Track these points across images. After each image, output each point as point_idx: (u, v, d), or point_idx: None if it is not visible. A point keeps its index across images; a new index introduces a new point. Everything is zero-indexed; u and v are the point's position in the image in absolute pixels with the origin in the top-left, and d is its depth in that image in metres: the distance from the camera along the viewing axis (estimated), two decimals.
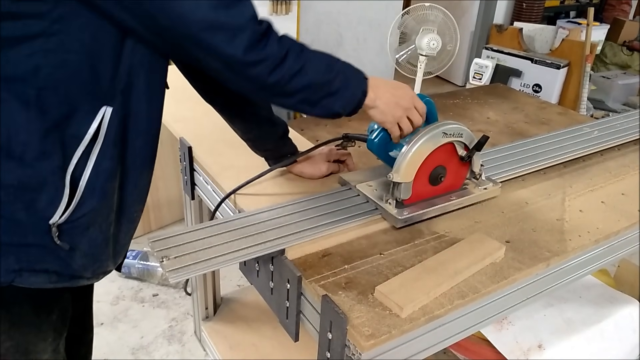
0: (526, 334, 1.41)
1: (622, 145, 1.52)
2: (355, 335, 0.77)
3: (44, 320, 0.93)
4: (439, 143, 1.02)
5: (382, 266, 0.92)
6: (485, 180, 1.15)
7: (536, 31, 4.18)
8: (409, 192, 1.03)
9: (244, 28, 0.76)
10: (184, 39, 0.75)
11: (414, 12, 2.92)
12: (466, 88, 2.45)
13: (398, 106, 0.97)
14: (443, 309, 0.84)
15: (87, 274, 0.90)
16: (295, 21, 3.13)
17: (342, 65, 0.91)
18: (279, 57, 0.80)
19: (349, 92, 0.91)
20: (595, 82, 4.24)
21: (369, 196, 1.06)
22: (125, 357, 1.85)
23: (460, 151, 1.07)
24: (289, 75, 0.82)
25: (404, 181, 1.00)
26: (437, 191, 1.09)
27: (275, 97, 0.87)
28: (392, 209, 1.02)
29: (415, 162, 1.00)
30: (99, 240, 0.88)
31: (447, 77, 4.96)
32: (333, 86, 0.88)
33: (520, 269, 0.95)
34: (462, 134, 1.04)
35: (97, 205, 0.83)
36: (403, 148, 1.00)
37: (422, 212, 1.04)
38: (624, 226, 1.12)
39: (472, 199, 1.12)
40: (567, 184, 1.28)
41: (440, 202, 1.08)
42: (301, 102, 0.87)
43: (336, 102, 0.90)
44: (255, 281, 1.04)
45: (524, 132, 1.59)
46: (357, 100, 0.92)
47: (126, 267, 2.19)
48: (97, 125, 0.78)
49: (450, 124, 1.03)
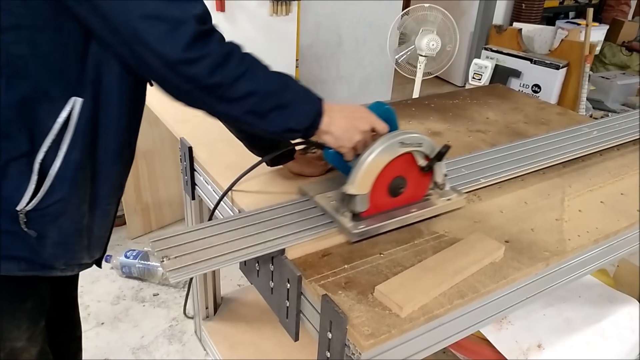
0: (525, 334, 1.41)
1: (621, 145, 1.52)
2: (355, 334, 0.77)
3: (18, 308, 0.94)
4: (396, 153, 0.97)
5: (381, 266, 0.92)
6: (450, 190, 1.10)
7: (535, 32, 4.18)
8: (366, 205, 0.98)
9: (185, 22, 0.73)
10: (124, 27, 0.73)
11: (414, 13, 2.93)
12: (465, 88, 2.45)
13: (355, 130, 0.94)
14: (442, 308, 0.84)
15: (58, 264, 0.91)
16: (295, 22, 3.13)
17: (295, 82, 0.88)
18: (221, 56, 0.77)
19: (304, 108, 0.87)
20: (595, 83, 4.24)
21: (326, 208, 1.02)
22: (126, 356, 1.85)
23: (421, 161, 1.02)
24: (231, 78, 0.79)
25: (359, 193, 0.96)
26: (397, 202, 1.04)
27: (218, 102, 0.81)
28: (346, 222, 0.97)
29: (371, 174, 0.96)
30: (71, 231, 0.89)
31: (447, 77, 4.97)
32: (284, 98, 0.85)
33: (519, 268, 0.95)
34: (422, 144, 1.00)
35: (66, 195, 0.84)
36: (358, 159, 0.96)
37: (380, 225, 0.99)
38: (623, 226, 1.12)
39: (434, 210, 1.07)
40: (567, 184, 1.28)
41: (400, 214, 1.02)
42: (248, 113, 0.83)
43: (290, 117, 0.86)
44: (255, 281, 1.04)
45: (523, 132, 1.60)
46: (313, 117, 0.88)
47: (127, 267, 2.19)
48: (66, 115, 0.80)
49: (408, 133, 0.98)
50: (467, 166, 1.27)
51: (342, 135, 0.92)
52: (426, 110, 1.73)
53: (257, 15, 2.96)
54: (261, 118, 0.84)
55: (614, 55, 4.91)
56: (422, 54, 2.96)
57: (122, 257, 2.21)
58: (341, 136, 0.93)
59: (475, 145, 1.48)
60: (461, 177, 1.22)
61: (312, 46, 3.76)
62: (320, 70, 3.92)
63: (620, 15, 5.44)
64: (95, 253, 0.99)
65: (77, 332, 1.27)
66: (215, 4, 2.76)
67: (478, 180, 1.21)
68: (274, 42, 3.10)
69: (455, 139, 1.51)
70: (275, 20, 3.02)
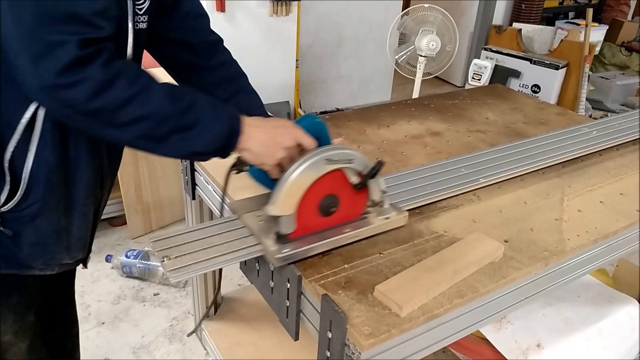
0: (525, 333, 1.41)
1: (620, 145, 1.53)
2: (355, 334, 0.77)
3: (2, 302, 0.95)
4: (323, 170, 0.90)
5: (381, 265, 0.93)
6: (389, 208, 1.02)
7: (535, 32, 4.18)
8: (292, 226, 0.91)
9: (62, 46, 0.69)
10: (5, 44, 0.71)
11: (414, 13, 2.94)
12: (465, 88, 2.45)
13: (276, 146, 0.89)
14: (442, 308, 0.84)
15: (36, 264, 0.92)
16: (296, 22, 3.13)
17: (204, 102, 0.83)
18: (102, 82, 0.72)
19: (212, 130, 0.82)
20: (594, 83, 4.25)
21: (252, 228, 0.95)
22: (127, 356, 1.86)
23: (353, 178, 0.95)
24: (116, 103, 0.74)
25: (283, 214, 0.89)
26: (331, 222, 0.96)
27: (104, 126, 0.76)
28: (270, 245, 0.90)
29: (295, 193, 0.88)
30: (48, 232, 0.89)
31: (446, 77, 4.97)
32: (184, 121, 0.80)
33: (518, 268, 0.96)
34: (353, 160, 0.92)
35: (42, 196, 0.85)
36: (280, 178, 0.89)
37: (308, 247, 0.91)
38: (623, 226, 1.13)
39: (369, 230, 0.99)
40: (566, 184, 1.29)
41: (332, 235, 0.94)
42: (141, 138, 0.78)
43: (194, 140, 0.81)
44: (255, 280, 1.04)
45: (523, 132, 1.60)
46: (225, 139, 0.84)
47: (127, 267, 2.20)
48: (30, 115, 0.80)
49: (335, 149, 0.91)
50: (467, 166, 1.27)
51: (262, 152, 0.88)
52: (426, 111, 1.73)
53: (257, 15, 2.97)
54: (158, 142, 0.80)
55: (614, 56, 4.92)
56: (422, 54, 2.97)
57: (123, 257, 2.21)
58: (261, 153, 0.88)
59: (475, 145, 1.48)
60: (461, 177, 1.22)
61: (312, 46, 3.76)
62: (320, 70, 3.92)
63: (620, 15, 5.45)
64: (76, 253, 0.99)
65: (74, 330, 1.27)
66: (215, 4, 2.76)
67: (477, 180, 1.22)
68: (274, 42, 3.10)
69: (455, 139, 1.52)
70: (275, 20, 3.02)
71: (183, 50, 1.07)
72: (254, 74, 1.25)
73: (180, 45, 1.06)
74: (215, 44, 1.11)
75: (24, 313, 1.00)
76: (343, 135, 1.49)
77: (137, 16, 0.90)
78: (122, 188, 2.30)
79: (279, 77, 3.24)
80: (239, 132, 0.85)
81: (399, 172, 1.23)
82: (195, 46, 1.07)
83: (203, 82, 1.10)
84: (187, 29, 1.05)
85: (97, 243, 2.40)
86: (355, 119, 1.62)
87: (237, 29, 2.92)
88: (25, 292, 0.99)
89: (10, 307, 0.97)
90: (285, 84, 3.28)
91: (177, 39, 1.06)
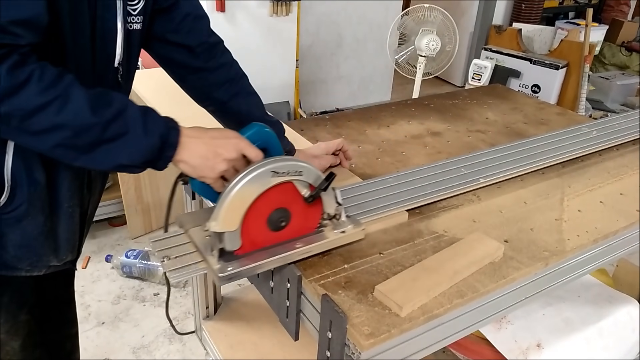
0: (525, 333, 1.41)
1: (620, 145, 1.53)
2: (354, 334, 0.77)
3: None
4: (269, 183, 0.84)
5: (381, 266, 0.93)
6: (346, 221, 0.97)
7: (535, 32, 4.19)
8: (237, 242, 0.86)
9: None
10: None
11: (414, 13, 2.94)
12: (465, 89, 2.45)
13: (217, 159, 0.84)
14: (442, 308, 0.84)
15: (22, 265, 0.91)
16: (296, 22, 3.14)
17: (134, 111, 0.78)
18: (8, 86, 0.68)
19: (140, 143, 0.78)
20: (594, 83, 4.25)
21: (197, 244, 0.90)
22: (127, 356, 1.86)
23: (304, 191, 0.90)
24: (26, 109, 0.70)
25: (226, 230, 0.84)
26: (282, 237, 0.91)
27: (17, 133, 0.73)
28: (214, 263, 0.85)
29: (238, 208, 0.83)
30: (34, 234, 0.89)
31: (446, 77, 4.97)
32: (109, 132, 0.75)
33: (518, 268, 0.96)
34: (302, 172, 0.87)
35: (27, 197, 0.84)
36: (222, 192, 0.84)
37: (255, 265, 0.86)
38: (623, 226, 1.13)
39: (323, 245, 0.93)
40: (566, 184, 1.29)
41: (283, 251, 0.89)
42: (59, 147, 0.74)
43: (119, 153, 0.77)
44: (255, 280, 1.04)
45: (523, 132, 1.60)
46: (155, 152, 0.80)
47: (127, 267, 2.20)
48: None
49: (281, 161, 0.86)
50: (467, 166, 1.27)
51: (200, 164, 0.84)
52: (426, 111, 1.73)
53: (257, 15, 2.97)
54: (79, 153, 0.76)
55: (614, 56, 4.92)
56: (422, 54, 2.97)
57: (123, 257, 2.21)
58: (199, 165, 0.84)
59: (475, 145, 1.48)
60: (461, 177, 1.22)
61: (312, 46, 3.76)
62: (320, 70, 3.93)
63: (620, 15, 5.45)
64: (64, 255, 0.98)
65: (72, 330, 1.27)
66: (215, 4, 2.76)
67: (477, 180, 1.22)
68: (274, 42, 3.10)
69: (455, 139, 1.52)
70: (275, 20, 3.03)
71: (182, 52, 1.06)
72: (254, 74, 1.25)
73: (179, 47, 1.05)
74: (215, 45, 1.10)
75: (15, 312, 0.99)
76: (343, 135, 1.49)
77: (131, 17, 0.89)
78: (122, 188, 2.30)
79: (279, 77, 3.25)
80: (174, 144, 0.81)
81: (399, 172, 1.23)
82: (194, 48, 1.05)
83: (203, 83, 1.09)
84: (186, 31, 1.04)
85: (97, 243, 2.42)
86: (355, 119, 1.63)
87: (237, 29, 2.92)
88: (16, 290, 0.98)
89: (2, 306, 0.96)
90: (285, 84, 3.29)
91: (175, 41, 1.04)
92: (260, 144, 0.91)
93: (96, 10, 0.83)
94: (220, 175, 0.86)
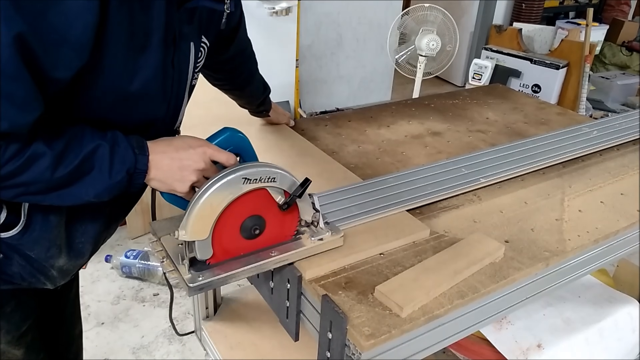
0: (525, 334, 1.41)
1: (621, 145, 1.52)
2: (355, 334, 0.77)
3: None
4: (240, 190, 0.82)
5: (382, 266, 0.93)
6: (324, 228, 0.94)
7: (535, 32, 4.18)
8: (208, 251, 0.83)
9: None
10: None
11: (414, 13, 2.93)
12: (465, 88, 2.45)
13: (185, 171, 0.81)
14: (443, 308, 0.84)
15: (21, 282, 0.89)
16: (296, 22, 3.13)
17: (102, 149, 0.75)
18: None
19: (105, 181, 0.76)
20: (594, 83, 4.25)
21: (169, 252, 0.88)
22: (126, 356, 1.85)
23: (278, 198, 0.87)
24: None
25: (196, 239, 0.81)
26: (257, 245, 0.88)
27: None
28: (184, 272, 0.83)
29: (208, 216, 0.81)
30: (39, 263, 0.87)
31: (447, 77, 4.97)
32: (74, 176, 0.73)
33: (519, 268, 0.95)
34: (275, 178, 0.85)
35: (38, 235, 0.82)
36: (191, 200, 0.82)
37: (227, 275, 0.84)
38: (623, 226, 1.13)
39: (300, 253, 0.90)
40: (566, 184, 1.28)
41: (257, 260, 0.87)
42: (23, 196, 0.73)
43: (86, 191, 0.75)
44: (255, 281, 1.04)
45: (523, 132, 1.60)
46: (124, 184, 0.78)
47: (127, 267, 2.19)
48: None
49: (253, 167, 0.83)
50: (467, 166, 1.27)
51: (169, 178, 0.81)
52: (426, 110, 1.73)
53: (257, 15, 2.96)
54: (44, 197, 0.74)
55: (614, 55, 4.92)
56: (422, 54, 2.96)
57: (123, 257, 2.21)
58: (168, 179, 0.81)
59: (475, 145, 1.48)
60: (461, 176, 1.22)
61: (312, 46, 3.75)
62: (320, 70, 3.92)
63: (620, 15, 5.45)
64: (58, 281, 0.95)
65: (76, 330, 1.26)
66: None
67: (478, 180, 1.22)
68: (274, 42, 3.10)
69: (455, 139, 1.51)
70: (275, 20, 3.02)
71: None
72: None
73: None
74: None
75: (19, 322, 0.98)
76: (343, 135, 1.49)
77: (195, 73, 0.92)
78: None
79: (279, 77, 3.24)
80: (143, 171, 0.79)
81: (399, 172, 1.23)
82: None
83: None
84: (230, 69, 1.26)
85: None
86: (355, 119, 1.62)
87: None
88: (18, 301, 0.96)
89: (4, 316, 0.95)
90: (285, 83, 3.28)
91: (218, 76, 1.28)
92: (232, 149, 0.89)
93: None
94: (192, 186, 0.83)
